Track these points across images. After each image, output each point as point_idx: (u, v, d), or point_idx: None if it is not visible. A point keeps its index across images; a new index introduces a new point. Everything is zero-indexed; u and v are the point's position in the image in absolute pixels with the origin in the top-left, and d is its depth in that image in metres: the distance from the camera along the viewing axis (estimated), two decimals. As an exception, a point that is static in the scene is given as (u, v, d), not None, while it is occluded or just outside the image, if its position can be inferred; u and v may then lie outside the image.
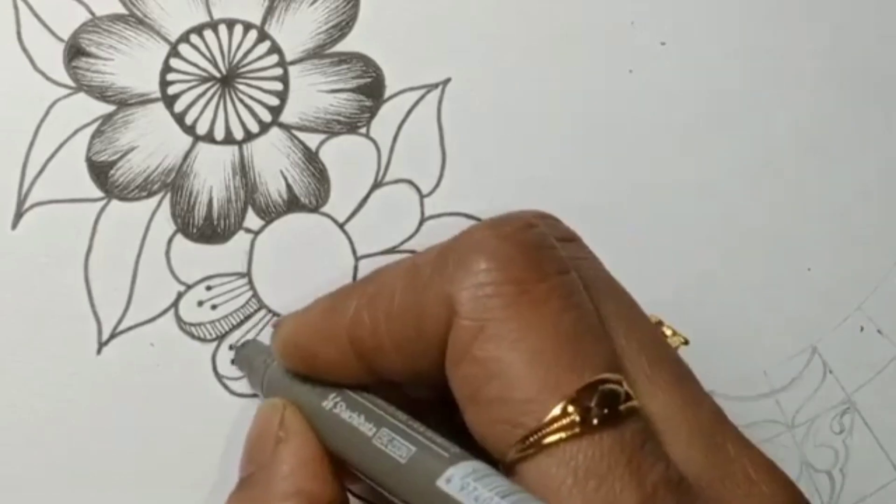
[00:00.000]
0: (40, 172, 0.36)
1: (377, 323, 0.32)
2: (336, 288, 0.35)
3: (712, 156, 0.41)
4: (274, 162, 0.37)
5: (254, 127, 0.37)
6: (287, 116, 0.37)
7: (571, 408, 0.29)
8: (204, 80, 0.37)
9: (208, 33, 0.37)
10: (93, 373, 0.36)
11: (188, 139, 0.37)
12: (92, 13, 0.36)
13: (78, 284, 0.36)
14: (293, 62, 0.37)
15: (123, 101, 0.36)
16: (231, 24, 0.37)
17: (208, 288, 0.37)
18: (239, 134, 0.37)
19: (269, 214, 0.38)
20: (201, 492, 0.37)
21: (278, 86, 0.37)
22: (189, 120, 0.37)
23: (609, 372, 0.30)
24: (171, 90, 0.36)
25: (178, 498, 0.37)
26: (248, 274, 0.37)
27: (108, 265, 0.36)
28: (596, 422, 0.29)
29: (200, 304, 0.37)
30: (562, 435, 0.29)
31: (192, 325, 0.37)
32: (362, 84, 0.38)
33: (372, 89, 0.38)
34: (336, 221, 0.38)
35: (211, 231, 0.37)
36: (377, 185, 0.38)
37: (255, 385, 0.36)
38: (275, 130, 0.37)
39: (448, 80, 0.39)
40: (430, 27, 0.38)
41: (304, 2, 0.37)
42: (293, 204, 0.38)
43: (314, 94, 0.38)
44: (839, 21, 0.42)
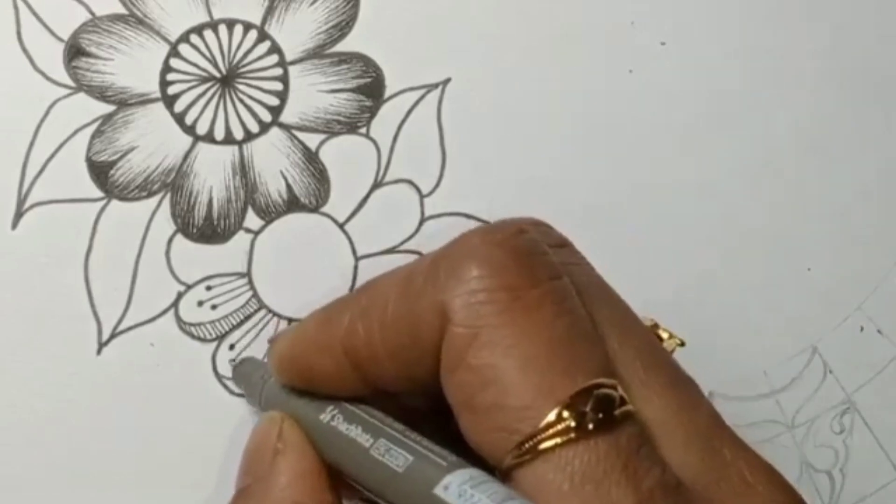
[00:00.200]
0: (40, 172, 0.36)
1: (371, 333, 0.32)
2: (335, 289, 0.35)
3: (712, 156, 0.41)
4: (274, 162, 0.37)
5: (254, 127, 0.37)
6: (287, 116, 0.37)
7: (566, 413, 0.29)
8: (204, 80, 0.37)
9: (208, 33, 0.37)
10: (93, 373, 0.36)
11: (188, 139, 0.37)
12: (92, 13, 0.36)
13: (78, 284, 0.36)
14: (293, 62, 0.37)
15: (123, 101, 0.36)
16: (231, 24, 0.37)
17: (208, 288, 0.37)
18: (239, 134, 0.37)
19: (269, 214, 0.38)
20: (201, 492, 0.37)
21: (278, 86, 0.37)
22: (189, 120, 0.37)
23: (603, 377, 0.30)
24: (171, 90, 0.36)
25: (178, 498, 0.37)
26: (248, 274, 0.37)
27: (108, 265, 0.36)
28: (591, 427, 0.29)
29: (200, 304, 0.37)
30: (557, 440, 0.29)
31: (192, 325, 0.37)
32: (362, 84, 0.38)
33: (372, 89, 0.38)
34: (336, 221, 0.38)
35: (211, 231, 0.37)
36: (377, 185, 0.38)
37: (253, 402, 0.36)
38: (275, 130, 0.37)
39: (448, 80, 0.39)
40: (430, 27, 0.38)
41: (304, 2, 0.37)
42: (293, 204, 0.38)
43: (314, 94, 0.38)
44: (839, 21, 0.42)
